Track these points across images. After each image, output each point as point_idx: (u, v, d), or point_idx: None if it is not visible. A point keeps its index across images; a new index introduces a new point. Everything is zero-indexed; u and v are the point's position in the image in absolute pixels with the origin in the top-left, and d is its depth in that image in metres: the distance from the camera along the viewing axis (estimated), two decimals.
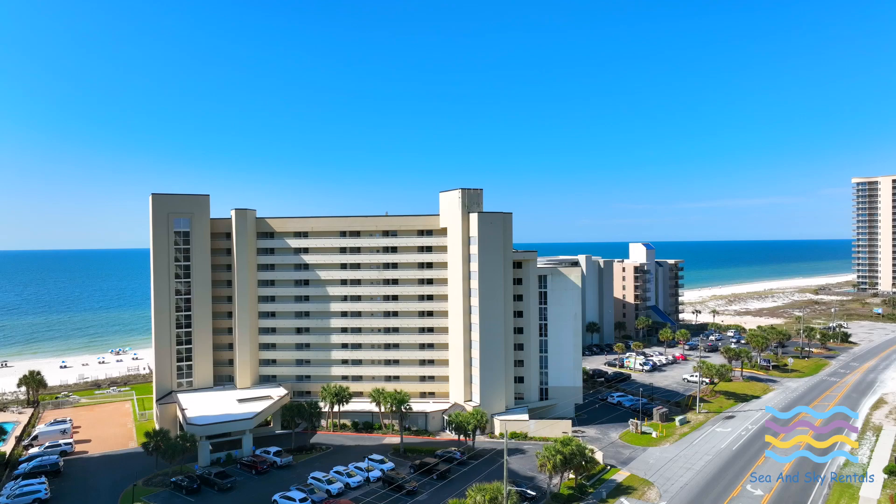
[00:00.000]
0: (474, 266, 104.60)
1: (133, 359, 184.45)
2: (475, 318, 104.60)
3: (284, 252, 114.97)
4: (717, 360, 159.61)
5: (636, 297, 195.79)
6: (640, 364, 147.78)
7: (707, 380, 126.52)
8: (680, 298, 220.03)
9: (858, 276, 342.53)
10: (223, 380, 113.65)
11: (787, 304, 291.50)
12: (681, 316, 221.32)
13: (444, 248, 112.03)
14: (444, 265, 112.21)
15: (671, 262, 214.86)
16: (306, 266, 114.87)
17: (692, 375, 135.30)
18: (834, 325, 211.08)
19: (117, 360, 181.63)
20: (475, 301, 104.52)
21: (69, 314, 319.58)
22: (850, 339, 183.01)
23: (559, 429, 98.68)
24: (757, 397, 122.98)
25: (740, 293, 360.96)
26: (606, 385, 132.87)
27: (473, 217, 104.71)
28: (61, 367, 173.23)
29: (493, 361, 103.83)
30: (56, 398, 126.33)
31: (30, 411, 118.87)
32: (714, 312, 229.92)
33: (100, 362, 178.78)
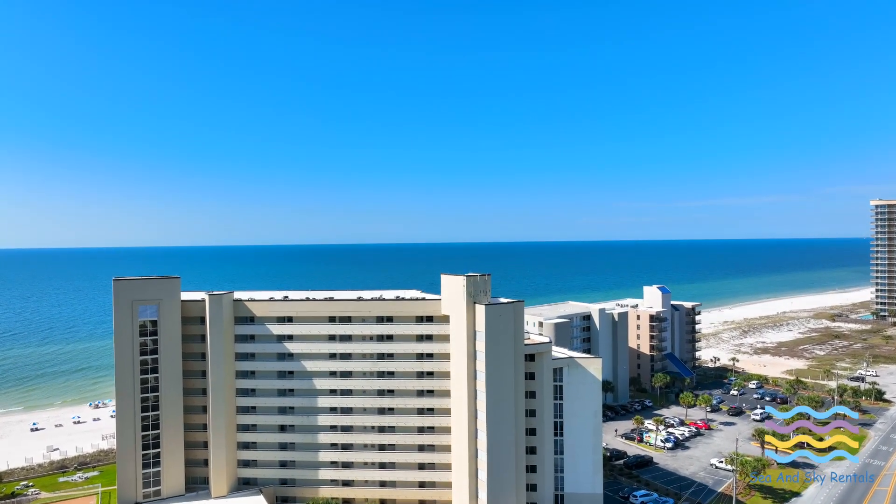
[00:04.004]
0: (480, 365, 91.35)
1: (111, 416, 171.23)
2: (481, 424, 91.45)
3: (266, 339, 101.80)
4: (742, 426, 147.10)
5: (652, 347, 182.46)
6: (662, 441, 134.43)
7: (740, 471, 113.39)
8: (697, 344, 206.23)
9: (878, 303, 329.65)
10: (197, 482, 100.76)
11: (804, 338, 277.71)
12: (697, 362, 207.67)
13: (446, 338, 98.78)
14: (446, 356, 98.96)
15: (688, 305, 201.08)
16: (290, 355, 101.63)
17: (720, 461, 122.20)
18: (862, 373, 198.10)
19: (94, 420, 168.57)
20: (481, 404, 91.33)
21: (67, 344, 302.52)
22: (885, 397, 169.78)
23: None
24: (798, 494, 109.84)
25: (753, 318, 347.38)
26: (626, 472, 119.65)
27: (480, 309, 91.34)
28: (32, 429, 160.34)
29: (502, 473, 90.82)
30: (13, 493, 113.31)
31: None
32: (734, 360, 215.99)
33: (75, 422, 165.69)
